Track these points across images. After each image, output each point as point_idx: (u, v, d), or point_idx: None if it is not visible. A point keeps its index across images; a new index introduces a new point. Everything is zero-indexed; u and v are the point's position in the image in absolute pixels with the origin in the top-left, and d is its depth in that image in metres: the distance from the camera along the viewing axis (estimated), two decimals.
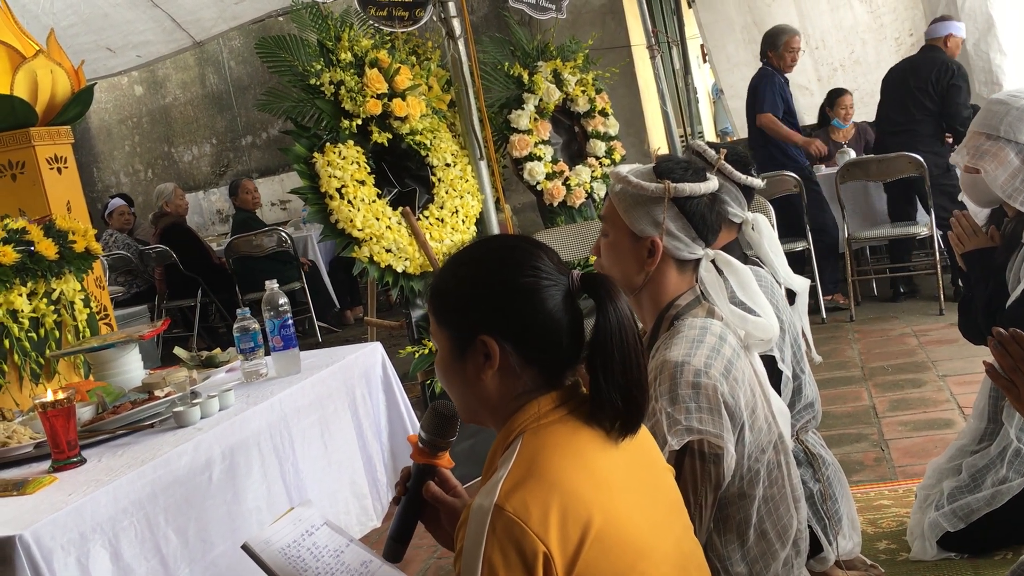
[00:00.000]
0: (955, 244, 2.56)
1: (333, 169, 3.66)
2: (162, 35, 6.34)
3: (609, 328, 1.27)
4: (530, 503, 1.17)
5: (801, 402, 2.30)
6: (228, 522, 2.14)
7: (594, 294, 1.29)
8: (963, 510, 2.42)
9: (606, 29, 7.45)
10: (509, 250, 1.33)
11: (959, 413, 3.65)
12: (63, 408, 2.01)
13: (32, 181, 3.02)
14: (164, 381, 2.51)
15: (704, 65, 10.56)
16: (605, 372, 1.27)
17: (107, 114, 10.18)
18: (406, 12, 4.01)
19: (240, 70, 9.70)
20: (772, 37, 5.86)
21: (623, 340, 1.27)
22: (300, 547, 1.56)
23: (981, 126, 2.40)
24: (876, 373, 4.36)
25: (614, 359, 1.27)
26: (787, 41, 5.78)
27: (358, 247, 3.70)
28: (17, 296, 2.61)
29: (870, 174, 5.44)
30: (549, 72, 5.01)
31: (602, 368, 1.27)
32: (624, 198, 1.80)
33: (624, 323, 1.28)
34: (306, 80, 3.72)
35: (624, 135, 5.78)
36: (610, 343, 1.27)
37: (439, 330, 1.35)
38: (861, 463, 3.33)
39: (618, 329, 1.27)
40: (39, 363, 2.69)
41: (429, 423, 1.46)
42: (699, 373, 1.65)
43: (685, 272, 1.82)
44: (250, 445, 2.28)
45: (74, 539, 1.77)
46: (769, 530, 1.74)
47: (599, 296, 1.29)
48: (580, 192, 5.00)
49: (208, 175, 10.03)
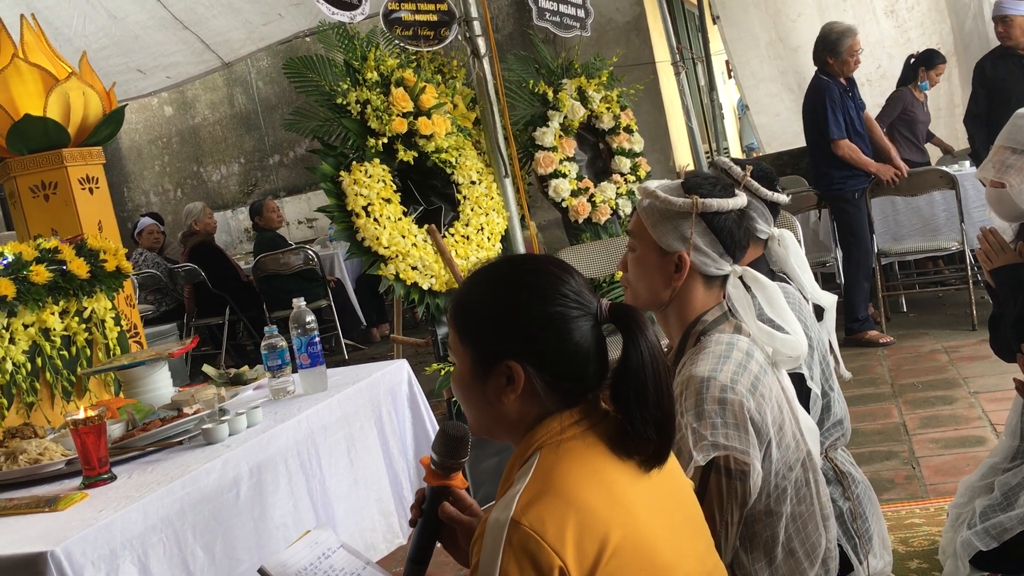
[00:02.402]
0: (983, 261, 2.53)
1: (359, 187, 3.69)
2: (191, 56, 6.42)
3: (642, 361, 1.27)
4: (547, 518, 1.17)
5: (830, 419, 2.28)
6: (255, 539, 2.15)
7: (623, 326, 1.29)
8: (996, 529, 2.39)
9: (631, 46, 7.46)
10: (537, 274, 1.32)
11: (991, 430, 3.60)
12: (94, 425, 2.04)
13: (64, 201, 3.07)
14: (193, 398, 2.53)
15: (729, 81, 10.55)
16: (640, 404, 1.26)
17: (137, 135, 10.32)
18: (432, 32, 4.04)
19: (268, 90, 9.80)
20: (834, 42, 5.28)
21: (656, 371, 1.27)
22: (317, 570, 1.56)
23: (1007, 140, 2.38)
24: (906, 390, 4.31)
25: (648, 391, 1.26)
26: (851, 45, 5.27)
27: (384, 265, 3.72)
28: (49, 315, 2.65)
29: (900, 189, 5.41)
30: (574, 89, 5.02)
31: (636, 400, 1.26)
32: (652, 213, 1.80)
33: (655, 355, 1.28)
34: (333, 99, 3.76)
35: (649, 152, 5.77)
36: (643, 375, 1.26)
37: (460, 347, 1.34)
38: (892, 481, 3.29)
39: (650, 361, 1.27)
40: (70, 381, 2.73)
41: (440, 445, 1.46)
42: (725, 389, 1.64)
43: (712, 288, 1.81)
44: (277, 462, 2.29)
45: (104, 555, 1.78)
46: (797, 548, 1.73)
47: (629, 328, 1.28)
48: (605, 209, 5.00)
49: (236, 194, 10.13)
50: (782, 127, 8.04)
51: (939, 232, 5.65)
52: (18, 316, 2.56)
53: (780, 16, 7.78)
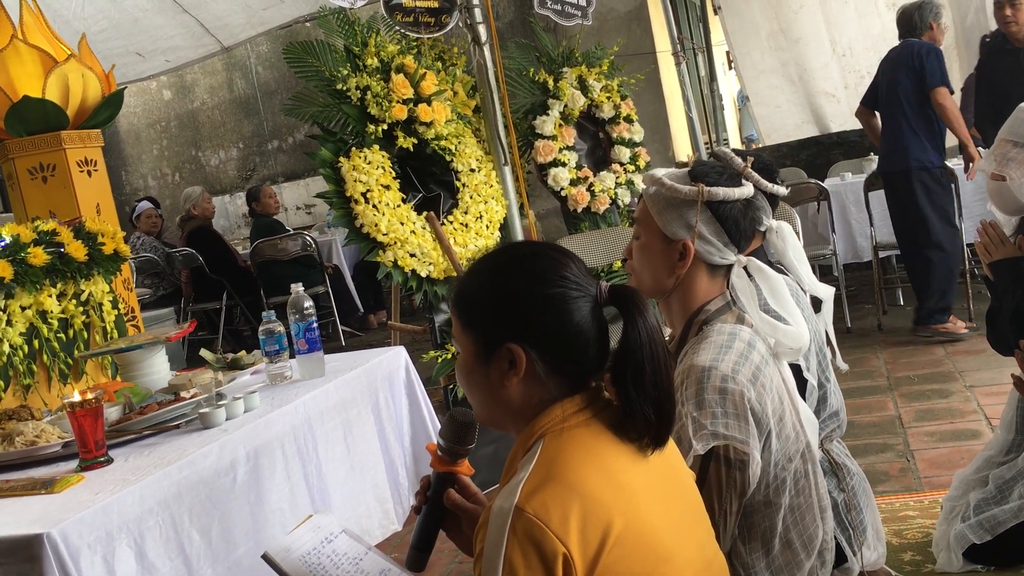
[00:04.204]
0: (982, 254, 2.53)
1: (358, 174, 3.68)
2: (191, 40, 6.40)
3: (640, 341, 1.27)
4: (551, 505, 1.17)
5: (826, 411, 2.28)
6: (251, 523, 2.16)
7: (623, 307, 1.29)
8: (989, 522, 2.40)
9: (632, 35, 7.44)
10: (537, 258, 1.33)
11: (986, 424, 3.61)
12: (91, 408, 2.04)
13: (63, 184, 3.06)
14: (190, 383, 2.53)
15: (730, 72, 10.52)
16: (637, 385, 1.27)
17: (136, 118, 10.29)
18: (432, 18, 4.02)
19: (267, 75, 9.77)
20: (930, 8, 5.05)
21: (654, 353, 1.27)
22: (320, 555, 1.57)
23: (1009, 133, 2.38)
24: (902, 383, 4.32)
25: (645, 372, 1.27)
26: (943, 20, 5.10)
27: (382, 251, 3.72)
28: (47, 297, 2.64)
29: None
30: (574, 78, 5.01)
31: (633, 381, 1.27)
32: (657, 200, 1.80)
33: (654, 336, 1.28)
34: (332, 85, 3.75)
35: (649, 141, 5.77)
36: (641, 356, 1.27)
37: (463, 334, 1.34)
38: (886, 473, 3.30)
39: (648, 342, 1.27)
40: (67, 363, 2.73)
41: (447, 431, 1.45)
42: (726, 378, 1.64)
43: (716, 277, 1.81)
44: (274, 447, 2.29)
45: (100, 538, 1.79)
46: (795, 539, 1.73)
47: (628, 309, 1.28)
48: (604, 198, 5.00)
49: (234, 179, 10.11)
50: (782, 119, 8.02)
51: None
52: (16, 298, 2.56)
53: (782, 7, 7.75)
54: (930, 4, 5.11)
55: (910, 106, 4.98)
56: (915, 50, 4.98)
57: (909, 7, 5.16)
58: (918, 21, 5.08)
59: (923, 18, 5.09)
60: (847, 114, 7.76)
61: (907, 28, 5.13)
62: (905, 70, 4.98)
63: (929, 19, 5.09)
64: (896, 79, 5.03)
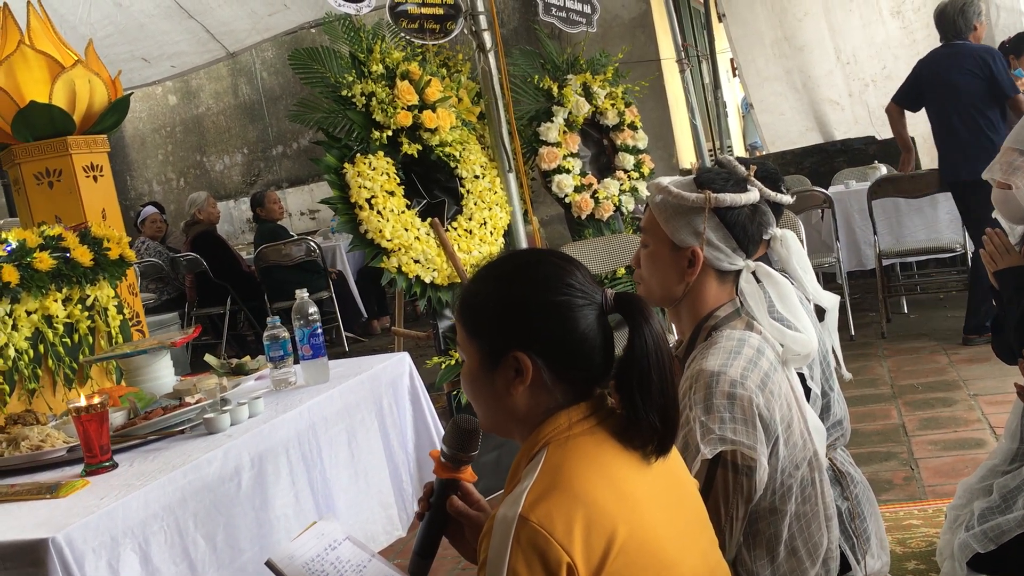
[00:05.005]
0: (987, 262, 2.53)
1: (363, 180, 3.69)
2: (196, 46, 6.42)
3: (646, 349, 1.27)
4: (555, 514, 1.17)
5: (830, 419, 2.28)
6: (256, 528, 2.16)
7: (628, 315, 1.29)
8: (994, 531, 2.39)
9: (636, 43, 7.45)
10: (542, 265, 1.33)
11: (990, 433, 3.60)
12: (96, 413, 2.04)
13: (69, 189, 3.07)
14: (195, 388, 2.53)
15: (734, 79, 10.53)
16: (643, 392, 1.27)
17: (141, 123, 10.32)
18: (437, 25, 4.03)
19: (272, 81, 9.80)
20: (972, 9, 4.96)
21: (660, 360, 1.28)
22: (323, 561, 1.57)
23: (1014, 142, 2.38)
24: (906, 391, 4.31)
25: (652, 379, 1.27)
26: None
27: (387, 257, 3.72)
28: (52, 302, 2.65)
29: (901, 190, 5.40)
30: (579, 85, 5.02)
31: (639, 388, 1.27)
32: (664, 208, 1.80)
33: (660, 343, 1.28)
34: (337, 91, 3.76)
35: (653, 148, 5.77)
36: (647, 363, 1.27)
37: (468, 343, 1.34)
38: (890, 482, 3.29)
39: (655, 350, 1.27)
40: (72, 368, 2.73)
41: (451, 437, 1.45)
42: (735, 384, 1.64)
43: (725, 283, 1.81)
44: (278, 452, 2.29)
45: (105, 542, 1.79)
46: (800, 547, 1.73)
47: (633, 317, 1.29)
48: (608, 205, 5.00)
49: (239, 184, 10.13)
50: (786, 126, 8.03)
51: (941, 234, 5.65)
52: (21, 303, 2.56)
53: (786, 15, 7.77)
54: (972, 4, 5.01)
55: (987, 112, 4.87)
56: (976, 54, 4.89)
57: (948, 9, 5.05)
58: (963, 24, 4.99)
59: (967, 20, 4.99)
60: (851, 122, 7.78)
61: (952, 31, 5.03)
62: (968, 76, 4.87)
63: (973, 20, 5.00)
64: (950, 80, 4.92)
